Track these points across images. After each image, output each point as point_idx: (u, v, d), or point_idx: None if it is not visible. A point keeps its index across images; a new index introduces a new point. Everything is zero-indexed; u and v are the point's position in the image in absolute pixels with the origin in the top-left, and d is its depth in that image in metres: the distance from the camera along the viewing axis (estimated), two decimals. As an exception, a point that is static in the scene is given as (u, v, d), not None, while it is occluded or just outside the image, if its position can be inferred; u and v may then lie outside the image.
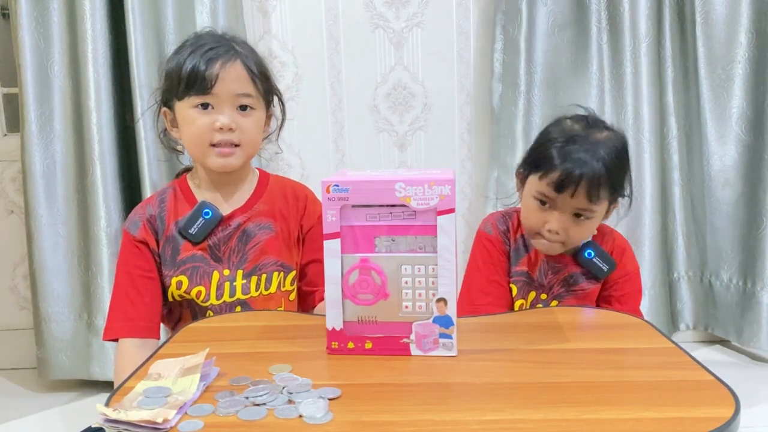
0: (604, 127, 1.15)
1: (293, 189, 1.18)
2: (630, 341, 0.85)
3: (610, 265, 1.19)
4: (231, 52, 1.07)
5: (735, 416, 0.62)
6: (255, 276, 1.11)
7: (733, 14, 1.80)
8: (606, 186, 1.09)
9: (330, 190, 0.77)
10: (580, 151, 1.08)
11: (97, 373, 1.74)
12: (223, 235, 1.10)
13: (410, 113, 1.93)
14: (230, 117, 1.06)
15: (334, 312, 0.80)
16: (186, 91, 1.05)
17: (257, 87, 1.09)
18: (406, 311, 0.80)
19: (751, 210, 1.84)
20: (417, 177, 0.77)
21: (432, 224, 0.78)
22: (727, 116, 1.85)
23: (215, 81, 1.04)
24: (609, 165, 1.08)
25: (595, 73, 1.82)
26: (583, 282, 1.20)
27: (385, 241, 0.79)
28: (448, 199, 0.77)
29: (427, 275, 0.79)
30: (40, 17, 1.66)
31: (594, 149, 1.08)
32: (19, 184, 1.88)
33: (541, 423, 0.62)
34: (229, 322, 0.96)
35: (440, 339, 0.80)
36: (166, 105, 1.12)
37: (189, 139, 1.08)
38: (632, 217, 1.80)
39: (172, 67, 1.08)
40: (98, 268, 1.71)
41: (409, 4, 1.88)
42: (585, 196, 1.08)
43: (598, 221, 1.16)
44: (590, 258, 1.18)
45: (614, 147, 1.11)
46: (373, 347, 0.80)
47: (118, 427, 0.62)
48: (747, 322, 1.85)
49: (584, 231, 1.14)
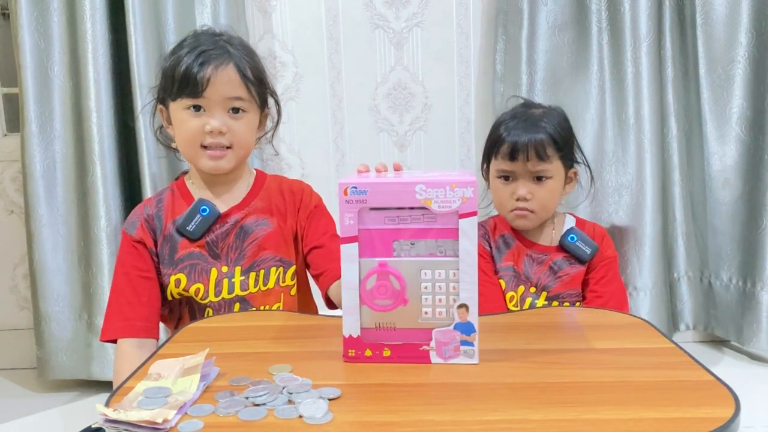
0: (540, 105, 1.33)
1: (289, 185, 1.18)
2: (630, 341, 0.85)
3: (592, 248, 1.30)
4: (224, 55, 1.07)
5: (735, 416, 0.62)
6: (253, 272, 1.11)
7: (733, 14, 1.80)
8: (551, 146, 1.24)
9: (348, 192, 0.74)
10: (521, 123, 1.26)
11: (97, 373, 1.74)
12: (220, 232, 1.11)
13: (410, 113, 1.93)
14: (221, 120, 1.06)
15: (352, 318, 0.77)
16: (178, 93, 1.06)
17: (249, 90, 1.09)
18: (425, 317, 0.77)
19: (752, 210, 1.83)
20: (438, 179, 0.74)
21: (452, 227, 0.75)
22: (727, 116, 1.84)
23: (206, 85, 1.04)
24: (549, 130, 1.25)
25: (596, 73, 1.82)
26: (567, 267, 1.30)
27: (404, 245, 0.77)
28: (470, 201, 0.74)
29: (448, 280, 0.77)
30: (40, 17, 1.66)
31: (533, 120, 1.27)
32: (19, 184, 1.88)
33: (541, 423, 0.62)
34: (229, 322, 0.96)
35: (462, 346, 0.77)
36: (162, 102, 1.13)
37: (181, 140, 1.10)
38: (633, 217, 1.80)
39: (168, 66, 1.09)
40: (98, 268, 1.71)
41: (409, 4, 1.88)
42: (536, 157, 1.23)
43: (559, 183, 1.28)
44: (574, 242, 1.29)
45: (553, 116, 1.29)
46: (392, 355, 0.77)
47: (118, 427, 0.62)
48: (747, 322, 1.85)
49: (549, 193, 1.27)
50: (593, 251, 1.30)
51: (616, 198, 1.81)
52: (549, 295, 1.30)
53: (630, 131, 1.79)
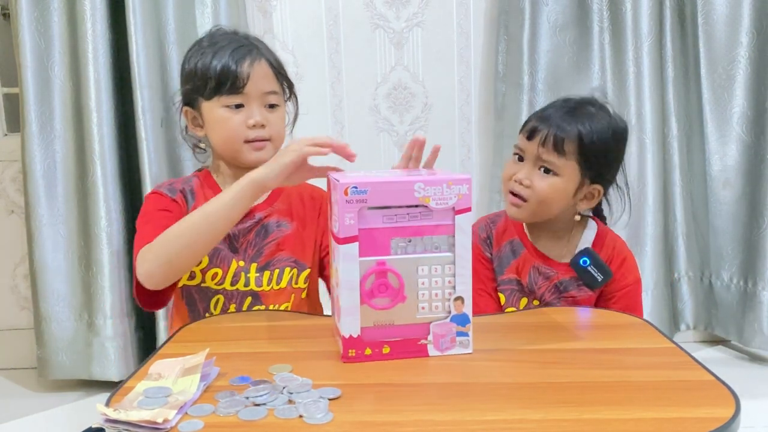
0: (603, 109, 1.13)
1: (310, 192, 1.20)
2: (630, 341, 0.85)
3: (605, 275, 1.14)
4: (255, 51, 1.10)
5: (735, 416, 0.62)
6: (268, 271, 1.12)
7: (734, 14, 1.80)
8: (574, 144, 1.08)
9: (348, 192, 0.75)
10: (562, 110, 1.11)
11: (97, 373, 1.74)
12: (243, 227, 1.12)
13: (410, 113, 1.93)
14: (261, 114, 1.10)
15: (351, 318, 0.77)
16: (215, 91, 1.08)
17: (281, 83, 1.14)
18: (422, 312, 0.79)
19: (753, 210, 1.84)
20: (435, 177, 0.77)
21: (447, 224, 0.78)
22: (727, 116, 1.85)
23: (246, 80, 1.07)
24: (583, 130, 1.08)
25: (597, 73, 1.82)
26: (573, 290, 1.16)
27: (401, 243, 0.78)
28: (465, 198, 0.77)
29: (444, 275, 0.79)
30: (41, 17, 1.66)
31: (577, 114, 1.10)
32: (19, 184, 1.88)
33: (541, 423, 0.62)
34: (229, 322, 0.96)
35: (457, 337, 0.80)
36: (187, 104, 1.14)
37: (221, 137, 1.11)
38: (634, 217, 1.80)
39: (195, 67, 1.10)
40: (99, 268, 1.71)
41: (410, 4, 1.88)
42: (552, 145, 1.08)
43: (566, 185, 1.12)
44: (585, 266, 1.15)
45: (600, 123, 1.10)
46: (391, 351, 0.78)
47: (119, 427, 0.62)
48: (748, 322, 1.85)
49: (550, 188, 1.11)
50: (605, 279, 1.14)
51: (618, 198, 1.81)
52: None
53: (632, 131, 1.79)
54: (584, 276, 1.15)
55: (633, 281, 1.18)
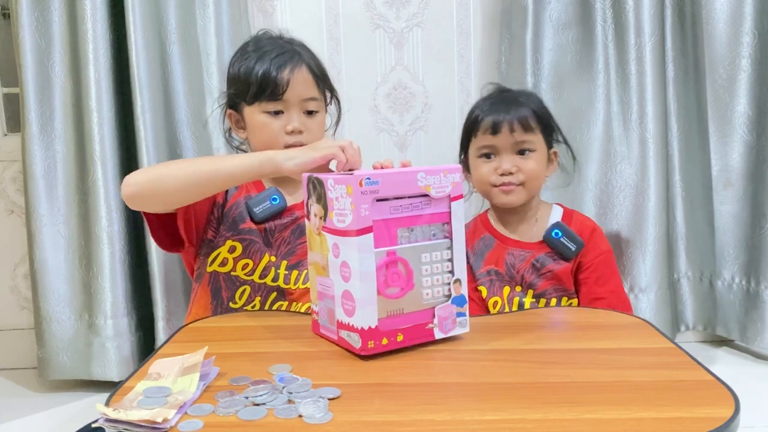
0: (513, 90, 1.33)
1: None
2: (630, 341, 0.85)
3: (577, 245, 1.24)
4: (296, 57, 1.12)
5: (735, 416, 0.62)
6: (297, 270, 1.14)
7: (735, 14, 1.79)
8: (534, 118, 1.23)
9: (363, 183, 0.76)
10: (498, 103, 1.25)
11: (97, 373, 1.74)
12: (280, 224, 1.14)
13: (410, 113, 1.93)
14: (299, 120, 1.12)
15: (369, 310, 0.78)
16: (256, 97, 1.11)
17: (321, 89, 1.16)
18: (427, 298, 0.83)
19: (754, 210, 1.83)
20: (432, 167, 0.83)
21: (443, 211, 0.83)
22: (729, 116, 1.84)
23: (286, 87, 1.10)
24: (530, 105, 1.24)
25: (601, 72, 1.81)
26: (550, 263, 1.24)
27: (405, 233, 0.81)
28: (458, 185, 0.84)
29: (443, 260, 0.83)
30: (41, 17, 1.66)
31: (511, 98, 1.26)
32: (19, 184, 1.88)
33: (541, 423, 0.62)
34: (229, 322, 0.96)
35: (457, 318, 0.84)
36: (231, 107, 1.17)
37: (261, 142, 1.13)
38: (637, 217, 1.79)
39: (239, 72, 1.13)
40: (99, 268, 1.71)
41: (410, 4, 1.88)
42: (521, 127, 1.22)
43: (543, 158, 1.26)
44: (558, 238, 1.24)
45: (530, 95, 1.30)
46: (405, 338, 0.81)
47: (118, 427, 0.62)
48: (751, 321, 1.84)
49: (535, 165, 1.24)
50: (578, 248, 1.23)
51: (621, 199, 1.81)
52: (535, 293, 1.24)
53: (635, 130, 1.78)
54: (558, 247, 1.24)
55: (606, 249, 1.28)
